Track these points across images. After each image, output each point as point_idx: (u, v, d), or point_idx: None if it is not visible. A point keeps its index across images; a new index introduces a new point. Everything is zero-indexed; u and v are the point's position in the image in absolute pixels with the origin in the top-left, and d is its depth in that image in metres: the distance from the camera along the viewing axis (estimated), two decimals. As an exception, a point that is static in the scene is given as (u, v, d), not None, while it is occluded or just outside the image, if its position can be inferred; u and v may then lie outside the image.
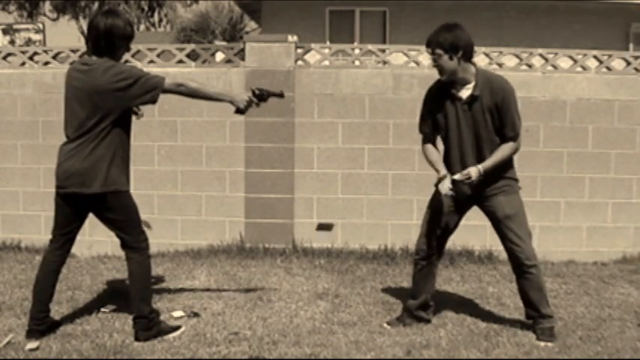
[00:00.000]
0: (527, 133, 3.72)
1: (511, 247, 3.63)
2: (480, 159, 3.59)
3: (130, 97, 3.44)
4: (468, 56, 3.54)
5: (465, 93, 3.58)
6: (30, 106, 5.71)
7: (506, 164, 3.63)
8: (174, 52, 5.73)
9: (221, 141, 5.65)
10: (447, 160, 3.71)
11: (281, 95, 3.90)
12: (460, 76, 3.56)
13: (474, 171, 3.51)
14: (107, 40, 3.45)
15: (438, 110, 3.68)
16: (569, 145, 5.55)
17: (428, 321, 3.89)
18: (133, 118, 3.67)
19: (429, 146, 3.78)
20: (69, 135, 3.51)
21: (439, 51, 3.52)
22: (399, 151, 5.57)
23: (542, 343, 3.57)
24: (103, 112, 3.40)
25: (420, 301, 3.89)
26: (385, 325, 3.89)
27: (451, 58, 3.50)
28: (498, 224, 3.65)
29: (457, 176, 3.54)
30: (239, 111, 3.73)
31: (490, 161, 3.55)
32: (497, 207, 3.62)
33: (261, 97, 3.77)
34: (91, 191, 3.44)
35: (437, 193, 3.77)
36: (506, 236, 3.64)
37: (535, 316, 3.71)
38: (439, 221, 3.76)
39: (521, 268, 3.63)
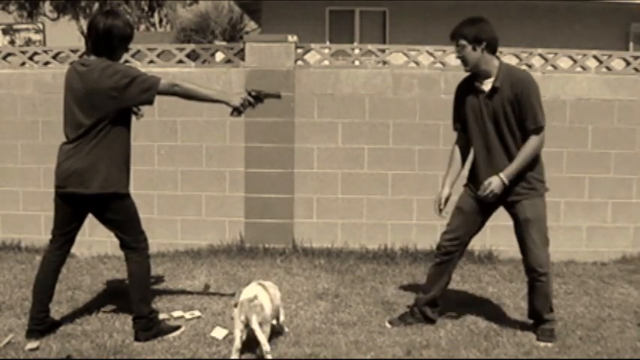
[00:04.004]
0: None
1: (526, 251, 3.64)
2: (505, 150, 3.58)
3: (126, 97, 3.44)
4: (491, 49, 3.57)
5: (487, 86, 3.60)
6: (30, 106, 5.71)
7: (533, 163, 3.60)
8: (174, 52, 5.73)
9: (221, 141, 5.65)
10: (474, 154, 3.72)
11: (278, 96, 3.88)
12: (483, 68, 3.58)
13: (495, 184, 3.53)
14: (106, 41, 3.46)
15: (464, 104, 3.72)
16: (569, 145, 5.56)
17: (432, 321, 3.88)
18: (133, 118, 3.68)
19: (455, 150, 3.83)
20: (68, 135, 3.51)
21: (463, 42, 3.56)
22: (399, 151, 5.57)
23: (542, 344, 3.58)
24: (101, 112, 3.41)
25: (429, 297, 3.89)
26: (386, 324, 3.90)
27: (474, 49, 3.55)
28: (518, 227, 3.67)
29: (480, 193, 3.58)
30: (235, 111, 3.73)
31: (513, 166, 3.54)
32: (519, 210, 3.63)
33: (257, 98, 3.75)
34: (90, 192, 3.44)
35: (464, 193, 3.81)
36: (523, 240, 3.65)
37: (536, 319, 3.73)
38: (464, 220, 3.77)
39: (532, 274, 3.65)
